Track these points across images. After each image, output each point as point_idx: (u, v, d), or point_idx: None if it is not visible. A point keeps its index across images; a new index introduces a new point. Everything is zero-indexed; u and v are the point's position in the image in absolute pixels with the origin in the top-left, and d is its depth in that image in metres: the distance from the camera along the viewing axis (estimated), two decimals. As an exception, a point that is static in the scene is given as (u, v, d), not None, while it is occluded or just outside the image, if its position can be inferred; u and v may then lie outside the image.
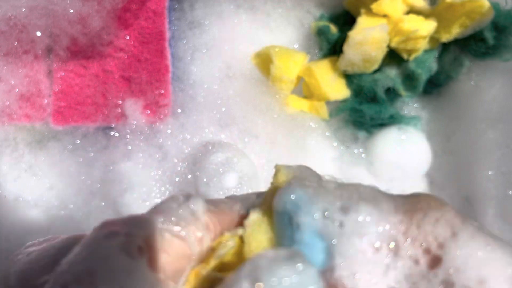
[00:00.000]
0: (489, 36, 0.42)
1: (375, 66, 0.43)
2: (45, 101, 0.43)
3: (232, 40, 0.46)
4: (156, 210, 0.20)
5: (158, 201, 0.42)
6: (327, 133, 0.46)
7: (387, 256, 0.19)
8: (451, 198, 0.46)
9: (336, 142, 0.46)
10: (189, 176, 0.43)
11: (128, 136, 0.44)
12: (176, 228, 0.19)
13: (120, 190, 0.43)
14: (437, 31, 0.42)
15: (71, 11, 0.41)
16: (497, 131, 0.43)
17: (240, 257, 0.20)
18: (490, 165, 0.43)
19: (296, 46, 0.47)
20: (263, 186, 0.43)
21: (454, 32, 0.42)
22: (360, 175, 0.46)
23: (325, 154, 0.45)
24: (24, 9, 0.40)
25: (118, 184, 0.43)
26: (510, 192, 0.42)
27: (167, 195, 0.43)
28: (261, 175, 0.43)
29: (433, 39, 0.44)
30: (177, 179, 0.43)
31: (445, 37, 0.42)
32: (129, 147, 0.44)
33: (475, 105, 0.44)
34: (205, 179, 0.42)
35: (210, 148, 0.43)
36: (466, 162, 0.45)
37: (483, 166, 0.43)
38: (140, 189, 0.43)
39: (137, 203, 0.43)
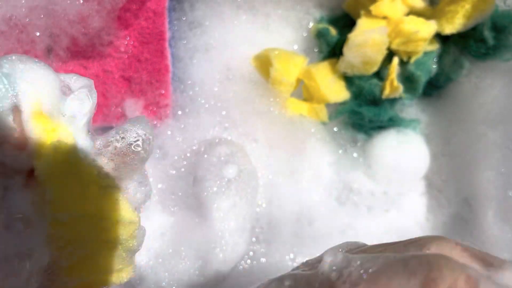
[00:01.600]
0: (489, 36, 0.42)
1: (375, 68, 0.43)
2: (45, 101, 0.43)
3: (232, 41, 0.46)
4: None
5: (155, 198, 0.42)
6: (326, 137, 0.46)
7: None
8: (450, 200, 0.46)
9: (334, 145, 0.46)
10: (189, 170, 0.43)
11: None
12: None
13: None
14: (440, 24, 0.42)
15: (71, 11, 0.41)
16: (497, 132, 0.43)
17: None
18: (490, 166, 0.43)
19: (296, 47, 0.47)
20: (262, 190, 0.43)
21: (458, 22, 0.42)
22: (357, 178, 0.46)
23: (324, 158, 0.46)
24: (24, 9, 0.40)
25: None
26: (510, 193, 0.42)
27: (165, 192, 0.43)
28: (259, 182, 0.43)
29: (433, 38, 0.44)
30: (173, 172, 0.43)
31: (448, 29, 0.42)
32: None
33: (475, 107, 0.44)
34: (205, 165, 0.42)
35: (216, 142, 0.43)
36: (466, 164, 0.45)
37: (482, 167, 0.43)
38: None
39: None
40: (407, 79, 0.44)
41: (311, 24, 0.47)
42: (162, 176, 0.43)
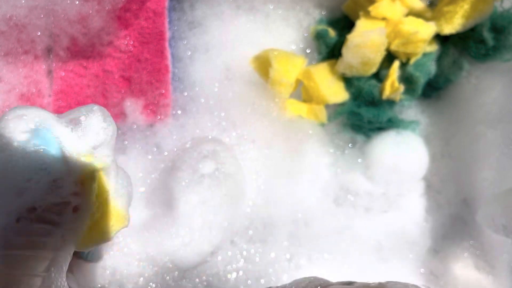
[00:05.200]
0: (488, 37, 0.42)
1: (374, 69, 0.43)
2: (45, 101, 0.43)
3: (232, 41, 0.46)
4: None
5: (143, 189, 0.42)
6: (324, 138, 0.46)
7: None
8: (449, 200, 0.46)
9: (333, 147, 0.46)
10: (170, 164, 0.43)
11: (126, 133, 0.44)
12: None
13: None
14: (439, 24, 0.42)
15: (71, 11, 0.41)
16: (497, 131, 0.43)
17: None
18: (489, 166, 0.43)
19: (295, 47, 0.47)
20: (259, 190, 0.44)
21: (457, 23, 0.42)
22: (356, 180, 0.46)
23: (322, 159, 0.46)
24: (24, 9, 0.40)
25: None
26: (509, 193, 0.42)
27: (152, 186, 0.43)
28: (256, 183, 0.44)
29: (432, 39, 0.44)
30: (162, 166, 0.44)
31: (448, 29, 0.42)
32: (126, 142, 0.44)
33: (475, 108, 0.44)
34: (183, 157, 0.42)
35: (205, 140, 0.43)
36: (465, 165, 0.45)
37: (482, 167, 0.43)
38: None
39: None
40: (406, 80, 0.44)
41: (311, 25, 0.47)
42: (153, 172, 0.44)
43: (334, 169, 0.46)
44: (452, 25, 0.42)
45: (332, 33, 0.45)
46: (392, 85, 0.43)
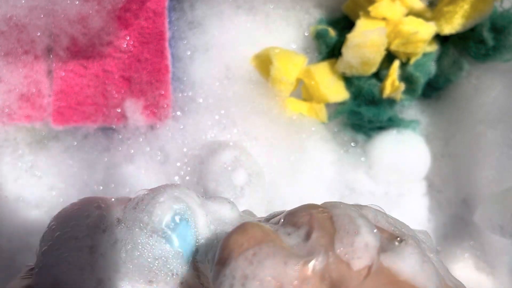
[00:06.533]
0: (488, 37, 0.42)
1: (374, 69, 0.43)
2: (45, 101, 0.43)
3: (232, 41, 0.46)
4: None
5: None
6: (326, 137, 0.46)
7: None
8: (449, 200, 0.46)
9: (334, 145, 0.46)
10: (195, 179, 0.43)
11: (129, 137, 0.44)
12: None
13: (121, 193, 0.43)
14: (439, 24, 0.42)
15: (71, 11, 0.41)
16: (497, 131, 0.43)
17: None
18: (489, 165, 0.43)
19: (295, 47, 0.47)
20: (268, 187, 0.44)
21: (457, 23, 0.42)
22: (359, 179, 0.46)
23: (324, 158, 0.46)
24: (24, 9, 0.40)
25: (121, 187, 0.43)
26: (509, 193, 0.42)
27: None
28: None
29: (432, 39, 0.44)
30: (177, 178, 0.43)
31: (447, 29, 0.42)
32: (131, 151, 0.44)
33: (475, 108, 0.44)
34: (214, 176, 0.42)
35: (216, 147, 0.43)
36: (465, 164, 0.45)
37: (481, 167, 0.43)
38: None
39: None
40: (406, 80, 0.44)
41: (311, 25, 0.47)
42: (165, 182, 0.43)
43: (338, 167, 0.46)
44: (452, 25, 0.42)
45: (332, 33, 0.45)
46: (393, 84, 0.43)
